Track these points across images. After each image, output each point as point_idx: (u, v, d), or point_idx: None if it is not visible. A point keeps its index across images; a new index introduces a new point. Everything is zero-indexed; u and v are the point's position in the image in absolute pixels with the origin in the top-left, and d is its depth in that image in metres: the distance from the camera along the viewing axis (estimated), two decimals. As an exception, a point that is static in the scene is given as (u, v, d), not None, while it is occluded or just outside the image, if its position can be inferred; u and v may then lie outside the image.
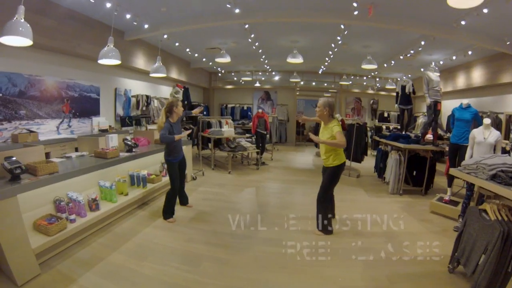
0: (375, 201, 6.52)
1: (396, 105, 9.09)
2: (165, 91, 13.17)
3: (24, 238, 3.40)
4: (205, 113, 14.53)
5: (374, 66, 9.91)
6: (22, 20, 4.14)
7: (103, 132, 8.64)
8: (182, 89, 12.98)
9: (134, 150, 5.93)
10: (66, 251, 4.03)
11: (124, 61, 6.66)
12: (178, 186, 5.32)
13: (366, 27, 7.78)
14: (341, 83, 15.87)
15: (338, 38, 8.61)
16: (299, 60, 9.54)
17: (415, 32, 7.88)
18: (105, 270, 3.61)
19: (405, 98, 8.65)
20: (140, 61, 10.04)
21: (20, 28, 4.10)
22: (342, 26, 7.67)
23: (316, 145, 12.20)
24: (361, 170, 8.95)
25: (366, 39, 9.25)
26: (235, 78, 17.10)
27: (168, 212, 5.17)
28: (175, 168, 5.23)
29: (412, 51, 9.47)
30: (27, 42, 4.27)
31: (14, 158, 3.69)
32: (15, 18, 4.11)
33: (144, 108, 11.08)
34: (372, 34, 8.66)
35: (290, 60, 9.63)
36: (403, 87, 8.60)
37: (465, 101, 6.11)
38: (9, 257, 3.20)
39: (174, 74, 12.35)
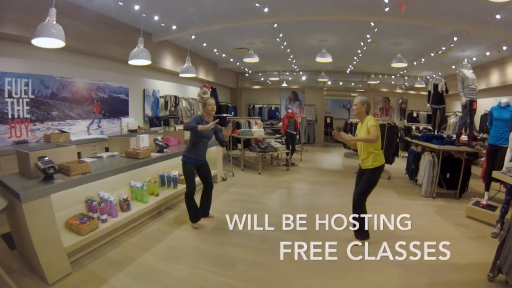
0: (408, 204, 6.31)
1: (428, 104, 8.74)
2: (193, 92, 13.25)
3: (56, 237, 3.42)
4: (232, 113, 14.53)
5: (404, 65, 9.66)
6: (54, 22, 4.18)
7: (132, 132, 8.77)
8: (210, 90, 12.99)
9: (165, 150, 5.91)
10: (97, 251, 4.04)
11: (152, 62, 6.69)
12: (194, 189, 4.95)
13: (397, 24, 7.57)
14: (369, 82, 15.62)
15: (368, 36, 8.43)
16: (328, 59, 9.39)
17: (447, 28, 7.61)
18: (137, 271, 3.59)
19: (438, 97, 8.34)
20: (167, 62, 10.13)
21: (53, 30, 4.14)
22: (372, 24, 7.48)
23: (345, 145, 12.00)
24: (391, 172, 8.73)
25: (396, 36, 9.01)
26: (262, 79, 17.02)
27: (193, 217, 4.91)
28: (192, 168, 4.88)
29: (444, 48, 9.16)
30: (59, 43, 4.32)
31: (47, 158, 3.73)
32: (46, 20, 4.14)
33: (172, 109, 11.15)
34: (402, 31, 8.44)
35: (319, 59, 9.48)
36: (436, 86, 8.28)
37: (503, 100, 5.81)
38: (41, 256, 3.23)
39: (201, 75, 12.38)
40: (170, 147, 6.29)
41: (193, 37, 8.92)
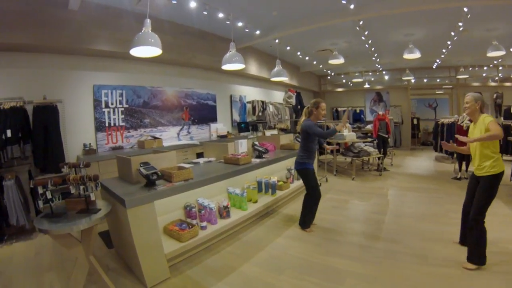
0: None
1: None
2: (278, 96, 13.30)
3: (158, 243, 3.44)
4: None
5: (502, 52, 8.44)
6: (150, 31, 4.22)
7: (222, 138, 8.91)
8: (295, 94, 12.84)
9: (264, 156, 5.80)
10: (194, 257, 3.99)
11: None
12: (320, 194, 4.87)
13: (491, 6, 6.77)
14: (458, 77, 14.02)
15: (460, 24, 7.59)
16: (416, 55, 8.64)
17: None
18: (239, 281, 3.43)
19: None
20: (252, 68, 10.20)
21: (150, 39, 4.18)
22: (466, 9, 6.75)
23: (435, 148, 11.18)
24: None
25: (490, 20, 8.03)
26: (344, 81, 16.50)
27: (307, 222, 4.80)
28: (314, 173, 4.85)
29: (546, 27, 8.01)
30: (157, 51, 4.34)
31: (149, 164, 3.74)
32: (142, 31, 4.20)
33: (260, 114, 11.18)
34: (497, 13, 7.45)
35: (406, 56, 8.78)
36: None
37: None
38: (142, 260, 3.26)
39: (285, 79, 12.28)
40: (268, 153, 6.19)
41: (276, 41, 8.83)
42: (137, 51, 4.39)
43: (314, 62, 12.72)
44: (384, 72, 15.20)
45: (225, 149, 5.59)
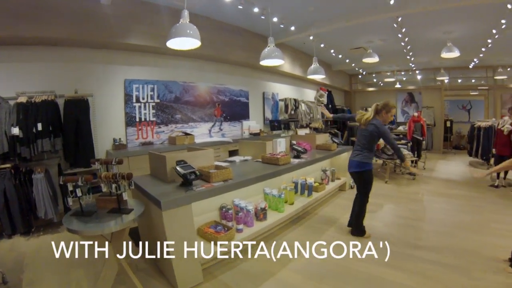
0: None
1: None
2: (309, 94, 13.08)
3: (193, 246, 3.24)
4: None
5: None
6: (188, 22, 4.06)
7: (255, 135, 8.73)
8: (326, 93, 12.58)
9: (302, 156, 5.55)
10: (229, 260, 3.81)
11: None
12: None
13: None
14: (496, 77, 13.25)
15: (503, 21, 7.22)
16: (454, 53, 8.26)
17: None
18: (277, 288, 3.22)
19: None
20: (285, 65, 10.05)
21: (188, 30, 4.02)
22: (510, 6, 6.31)
23: (470, 153, 10.72)
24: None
25: None
26: (375, 80, 16.07)
27: (363, 228, 4.48)
28: (372, 175, 4.47)
29: None
30: (195, 43, 4.20)
31: (186, 163, 3.58)
32: (180, 22, 4.04)
33: (292, 112, 10.96)
34: None
35: (444, 55, 8.38)
36: None
37: None
38: (175, 264, 3.11)
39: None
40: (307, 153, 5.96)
41: (311, 37, 8.56)
42: (174, 43, 4.26)
43: (347, 61, 12.44)
44: (417, 72, 14.66)
45: (263, 148, 5.36)
